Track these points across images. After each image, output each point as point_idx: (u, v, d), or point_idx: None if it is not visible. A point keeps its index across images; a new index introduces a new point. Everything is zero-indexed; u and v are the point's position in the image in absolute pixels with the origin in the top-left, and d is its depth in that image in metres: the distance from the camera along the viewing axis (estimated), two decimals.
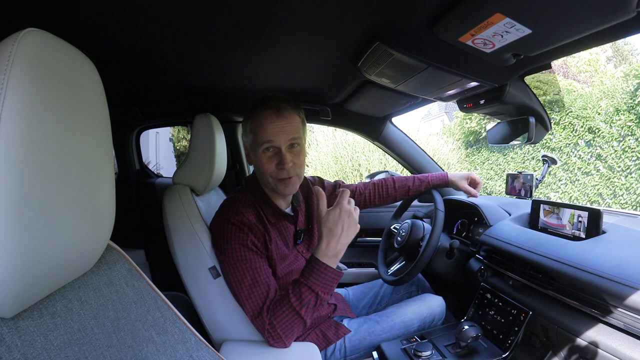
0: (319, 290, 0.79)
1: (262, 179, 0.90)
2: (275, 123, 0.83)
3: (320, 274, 0.79)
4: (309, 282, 0.79)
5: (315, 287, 0.79)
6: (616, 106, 5.09)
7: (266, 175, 0.87)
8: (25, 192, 0.32)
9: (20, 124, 0.31)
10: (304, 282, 0.79)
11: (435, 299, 1.09)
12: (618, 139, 5.04)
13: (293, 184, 0.88)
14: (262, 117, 0.84)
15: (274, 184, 0.88)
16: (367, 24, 0.69)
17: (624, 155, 4.97)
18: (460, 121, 8.46)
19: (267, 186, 0.91)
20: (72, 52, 0.40)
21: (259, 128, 0.84)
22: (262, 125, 0.84)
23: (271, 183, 0.88)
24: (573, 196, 5.50)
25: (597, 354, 0.70)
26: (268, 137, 0.84)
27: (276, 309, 0.80)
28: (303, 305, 0.79)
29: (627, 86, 5.05)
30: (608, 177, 5.14)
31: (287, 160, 0.84)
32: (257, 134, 0.85)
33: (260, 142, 0.85)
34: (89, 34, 0.71)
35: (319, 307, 0.82)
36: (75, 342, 0.41)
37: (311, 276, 0.79)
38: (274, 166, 0.85)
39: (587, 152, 5.41)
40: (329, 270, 0.79)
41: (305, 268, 0.81)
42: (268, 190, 0.93)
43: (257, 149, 0.86)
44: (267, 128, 0.83)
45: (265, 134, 0.84)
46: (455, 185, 1.24)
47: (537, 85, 6.69)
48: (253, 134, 0.86)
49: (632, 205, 4.83)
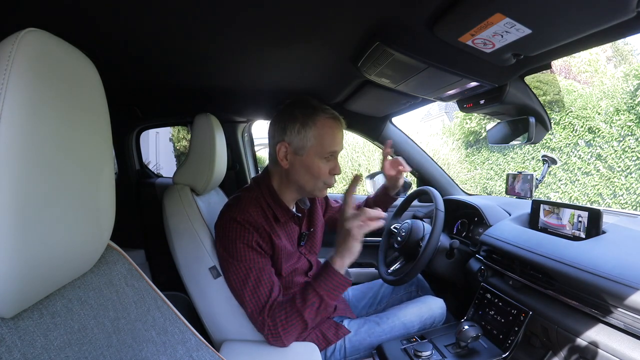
0: (323, 293, 0.82)
1: (307, 183, 0.90)
2: (339, 134, 0.91)
3: (327, 277, 0.83)
4: (315, 284, 0.83)
5: (321, 290, 0.82)
6: (616, 106, 5.08)
7: (319, 180, 0.90)
8: (25, 192, 0.32)
9: (20, 124, 0.31)
10: (310, 284, 0.84)
11: (436, 301, 1.09)
12: (618, 139, 5.04)
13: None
14: (331, 126, 0.89)
15: (319, 188, 0.92)
16: (367, 23, 0.69)
17: (624, 155, 4.97)
18: (460, 121, 8.45)
19: (306, 189, 0.92)
20: (72, 52, 0.40)
21: (329, 137, 0.88)
22: (333, 135, 0.89)
23: (317, 187, 0.91)
24: (573, 196, 5.49)
25: (597, 354, 0.70)
26: (335, 146, 0.90)
27: (280, 308, 0.82)
28: (307, 306, 0.81)
29: (627, 86, 5.05)
30: (608, 177, 5.14)
31: (339, 167, 0.93)
32: (325, 142, 0.88)
33: (327, 150, 0.89)
34: (89, 34, 0.71)
35: (323, 311, 0.84)
36: (75, 342, 0.41)
37: (318, 279, 0.83)
38: (328, 172, 0.91)
39: (587, 152, 5.40)
40: (337, 275, 0.83)
41: (316, 272, 0.87)
42: (283, 190, 0.93)
43: (320, 155, 0.88)
44: (337, 138, 0.90)
45: (335, 144, 0.90)
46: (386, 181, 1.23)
47: (537, 85, 6.69)
48: (319, 139, 0.88)
49: (632, 205, 4.83)
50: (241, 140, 1.72)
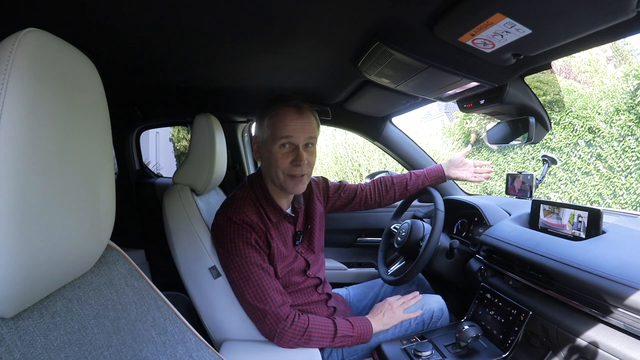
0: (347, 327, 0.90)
1: (271, 175, 0.90)
2: (296, 120, 0.86)
3: (361, 321, 0.94)
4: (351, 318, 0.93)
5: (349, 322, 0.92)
6: (616, 106, 5.08)
7: (278, 170, 0.88)
8: (25, 192, 0.32)
9: (20, 124, 0.31)
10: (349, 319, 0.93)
11: (433, 297, 1.09)
12: (618, 139, 5.04)
13: (303, 183, 0.90)
14: (283, 113, 0.86)
15: (284, 181, 0.88)
16: (367, 23, 0.69)
17: (624, 155, 4.97)
18: (460, 121, 8.46)
19: (275, 183, 0.91)
20: (72, 52, 0.40)
21: (280, 123, 0.86)
22: (283, 121, 0.86)
23: (281, 179, 0.88)
24: (573, 196, 5.49)
25: (597, 354, 0.70)
26: (288, 132, 0.86)
27: (314, 319, 0.88)
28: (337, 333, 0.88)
29: (627, 86, 5.05)
30: (608, 177, 5.14)
31: (302, 157, 0.86)
32: (277, 129, 0.86)
33: (279, 137, 0.86)
34: (89, 34, 0.71)
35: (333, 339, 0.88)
36: (75, 342, 0.41)
37: (355, 320, 0.93)
38: (289, 162, 0.87)
39: (587, 152, 5.40)
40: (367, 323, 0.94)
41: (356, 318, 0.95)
42: (273, 188, 0.93)
43: (273, 143, 0.87)
44: (288, 124, 0.86)
45: (286, 130, 0.86)
46: (454, 177, 1.24)
47: (537, 85, 6.69)
48: (271, 128, 0.87)
49: (632, 205, 4.83)
50: (241, 140, 1.72)
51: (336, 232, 1.64)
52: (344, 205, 1.20)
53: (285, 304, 0.86)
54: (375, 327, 0.94)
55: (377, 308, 1.01)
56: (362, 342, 0.92)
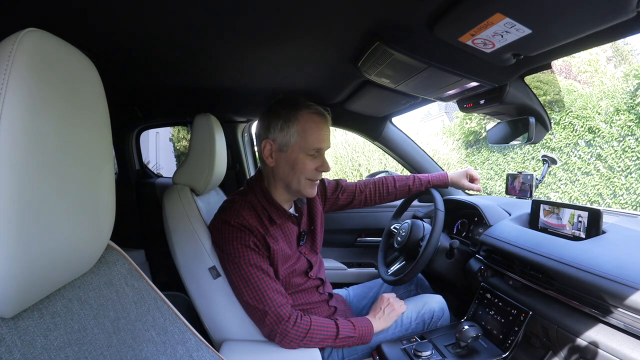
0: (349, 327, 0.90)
1: (288, 179, 0.90)
2: (324, 130, 0.90)
3: (362, 321, 0.93)
4: (352, 319, 0.93)
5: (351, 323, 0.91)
6: (616, 106, 5.08)
7: (302, 176, 0.89)
8: (25, 192, 0.32)
9: (20, 124, 0.31)
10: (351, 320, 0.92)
11: (434, 296, 1.09)
12: (618, 139, 5.04)
13: (317, 186, 0.95)
14: (312, 121, 0.88)
15: (304, 186, 0.91)
16: (367, 23, 0.69)
17: (624, 155, 4.97)
18: (460, 121, 8.45)
19: (291, 187, 0.91)
20: (72, 52, 0.40)
21: (311, 132, 0.87)
22: (317, 132, 0.88)
23: (302, 184, 0.90)
24: (573, 196, 5.49)
25: (597, 354, 0.69)
26: (320, 143, 0.89)
27: (317, 319, 0.88)
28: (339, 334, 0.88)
29: (627, 86, 5.05)
30: (608, 177, 5.13)
31: (327, 164, 0.92)
32: (311, 139, 0.87)
33: (312, 147, 0.88)
34: (89, 34, 0.71)
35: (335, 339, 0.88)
36: (75, 342, 0.41)
37: (356, 320, 0.93)
38: (314, 169, 0.90)
39: (587, 152, 5.40)
40: (369, 323, 0.93)
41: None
42: (277, 190, 0.93)
43: (304, 152, 0.88)
44: (320, 134, 0.89)
45: (319, 140, 0.89)
46: (457, 185, 1.25)
47: (537, 85, 6.68)
48: (302, 136, 0.87)
49: (632, 205, 4.83)
50: (241, 140, 1.72)
51: (336, 232, 1.64)
52: (343, 207, 1.21)
53: (286, 304, 0.86)
54: (377, 325, 0.95)
55: (376, 306, 1.01)
56: (363, 343, 0.92)
